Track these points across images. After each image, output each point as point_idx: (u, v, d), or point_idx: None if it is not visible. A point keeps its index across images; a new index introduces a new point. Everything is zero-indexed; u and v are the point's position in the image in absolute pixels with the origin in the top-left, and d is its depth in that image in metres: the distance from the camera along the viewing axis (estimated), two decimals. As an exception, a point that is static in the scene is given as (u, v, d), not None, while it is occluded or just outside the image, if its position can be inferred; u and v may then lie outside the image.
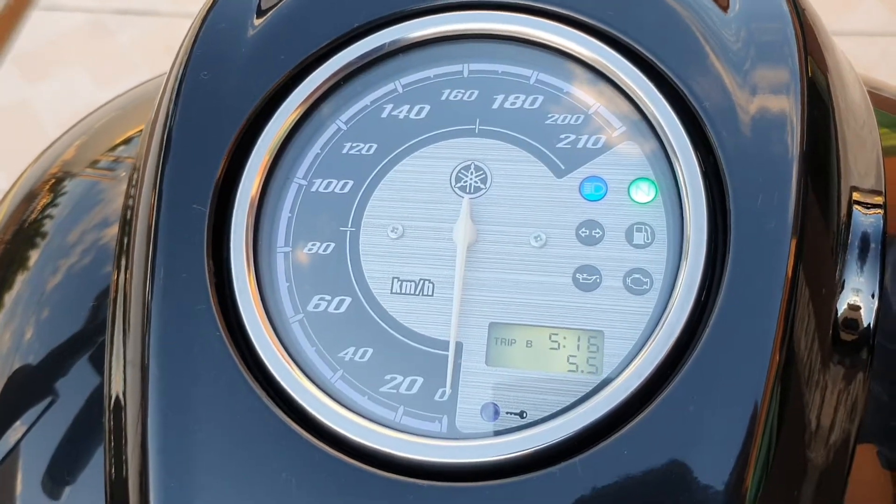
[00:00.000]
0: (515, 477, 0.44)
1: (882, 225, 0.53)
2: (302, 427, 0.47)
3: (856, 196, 0.53)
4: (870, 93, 0.77)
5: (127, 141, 0.80)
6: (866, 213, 0.53)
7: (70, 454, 0.61)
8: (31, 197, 0.76)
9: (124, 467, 0.49)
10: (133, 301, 0.51)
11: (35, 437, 0.62)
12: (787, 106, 0.49)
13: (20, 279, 0.70)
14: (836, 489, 0.50)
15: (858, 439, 0.58)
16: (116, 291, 0.55)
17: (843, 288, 0.51)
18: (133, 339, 0.50)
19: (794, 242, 0.47)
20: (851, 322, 0.51)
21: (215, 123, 0.53)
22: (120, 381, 0.51)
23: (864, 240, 0.52)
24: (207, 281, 0.49)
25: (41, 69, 2.37)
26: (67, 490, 0.61)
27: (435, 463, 0.46)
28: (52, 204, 0.75)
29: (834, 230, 0.51)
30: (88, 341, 0.65)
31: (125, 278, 0.53)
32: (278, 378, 0.48)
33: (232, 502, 0.46)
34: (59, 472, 0.61)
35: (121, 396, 0.51)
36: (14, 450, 0.62)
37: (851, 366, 0.51)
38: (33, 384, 0.64)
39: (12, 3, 2.55)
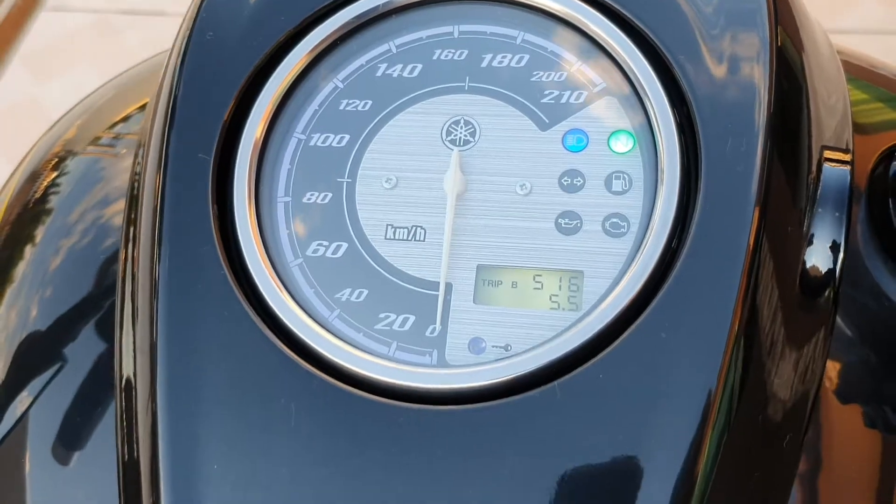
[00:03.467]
0: (498, 400, 0.48)
1: (849, 180, 0.56)
2: (302, 359, 0.50)
3: (826, 153, 0.56)
4: (865, 70, 0.80)
5: (126, 118, 0.82)
6: (834, 168, 0.56)
7: (78, 424, 0.64)
8: (34, 177, 0.78)
9: (134, 402, 0.52)
10: (141, 251, 0.54)
11: (42, 408, 0.65)
12: (758, 61, 0.52)
13: (26, 257, 0.72)
14: (800, 417, 0.53)
15: (846, 400, 0.61)
16: (125, 264, 0.57)
17: (810, 239, 0.54)
18: (143, 294, 0.53)
19: (761, 184, 0.50)
20: (816, 269, 0.54)
21: (221, 77, 0.56)
22: (130, 344, 0.54)
23: (831, 193, 0.55)
24: (212, 224, 0.52)
25: (50, 68, 2.40)
26: (76, 455, 0.64)
27: (425, 389, 0.49)
28: (55, 183, 0.77)
29: (803, 180, 0.54)
30: (93, 316, 0.67)
31: (133, 248, 0.56)
32: (280, 314, 0.51)
33: (237, 429, 0.49)
34: (68, 441, 0.64)
35: (132, 352, 0.54)
36: (22, 421, 0.65)
37: (816, 313, 0.54)
38: (40, 360, 0.67)
39: (20, 3, 2.59)
